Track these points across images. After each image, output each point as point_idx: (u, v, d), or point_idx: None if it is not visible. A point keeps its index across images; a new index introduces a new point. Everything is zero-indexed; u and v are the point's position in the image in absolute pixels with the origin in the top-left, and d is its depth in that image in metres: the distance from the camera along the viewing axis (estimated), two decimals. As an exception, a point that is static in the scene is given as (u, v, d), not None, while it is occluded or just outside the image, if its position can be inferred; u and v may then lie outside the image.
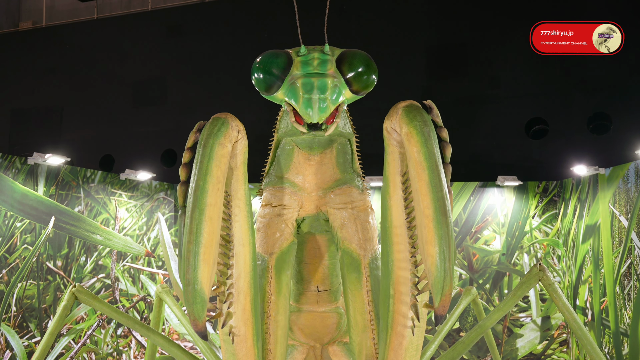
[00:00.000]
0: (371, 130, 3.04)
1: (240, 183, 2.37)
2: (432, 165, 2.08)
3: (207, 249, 2.09)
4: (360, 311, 2.63)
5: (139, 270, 7.71)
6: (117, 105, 11.48)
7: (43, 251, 6.51)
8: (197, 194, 2.12)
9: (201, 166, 2.16)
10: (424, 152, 2.09)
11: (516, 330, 8.00)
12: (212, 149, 2.18)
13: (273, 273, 2.63)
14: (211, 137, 2.20)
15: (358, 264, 2.64)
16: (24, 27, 13.86)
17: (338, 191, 2.71)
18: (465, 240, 8.11)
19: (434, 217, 2.04)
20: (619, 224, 6.79)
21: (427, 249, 2.04)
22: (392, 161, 2.33)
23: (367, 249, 2.66)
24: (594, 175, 7.28)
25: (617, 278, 6.80)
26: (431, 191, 2.05)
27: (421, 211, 2.08)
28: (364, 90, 2.46)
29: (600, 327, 7.11)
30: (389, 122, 2.27)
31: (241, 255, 2.35)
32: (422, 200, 2.08)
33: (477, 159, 8.75)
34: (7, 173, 6.19)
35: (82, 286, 3.52)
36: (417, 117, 2.16)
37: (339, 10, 9.66)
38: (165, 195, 8.23)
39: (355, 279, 2.63)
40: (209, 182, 2.14)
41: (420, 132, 2.12)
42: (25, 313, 6.29)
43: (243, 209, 2.37)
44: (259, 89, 2.48)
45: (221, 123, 2.24)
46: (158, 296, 4.51)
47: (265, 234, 2.69)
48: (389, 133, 2.29)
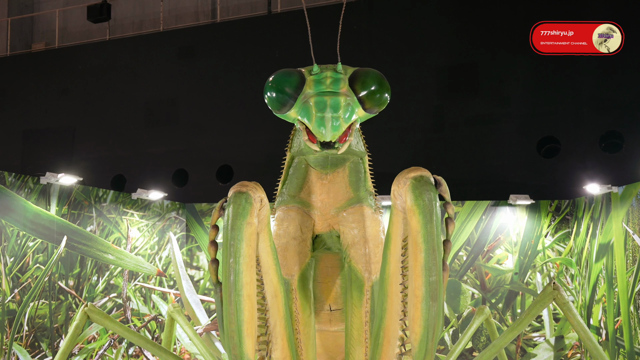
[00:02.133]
0: (384, 149, 3.05)
1: (266, 243, 2.40)
2: (429, 249, 2.09)
3: (248, 325, 2.15)
4: (357, 328, 2.68)
5: (150, 290, 7.71)
6: (129, 126, 11.55)
7: (55, 270, 6.52)
8: (234, 277, 2.15)
9: (233, 250, 2.16)
10: (424, 234, 2.10)
11: (529, 350, 7.94)
12: (241, 230, 2.17)
13: (297, 293, 2.69)
14: (238, 218, 2.18)
15: (361, 285, 2.68)
16: (37, 49, 13.99)
17: (350, 210, 2.72)
18: (477, 259, 8.08)
19: (423, 300, 2.07)
20: (632, 243, 6.75)
21: (413, 326, 2.10)
22: (395, 222, 2.35)
23: (372, 272, 2.69)
24: (607, 194, 7.25)
25: (631, 297, 6.75)
26: (424, 274, 2.08)
27: (412, 290, 2.13)
28: (376, 108, 2.46)
29: (614, 346, 7.05)
30: (396, 187, 2.25)
31: (275, 307, 2.42)
32: (414, 280, 2.11)
33: (489, 178, 8.74)
34: (20, 193, 6.22)
35: (94, 305, 3.52)
36: (424, 194, 2.14)
37: (352, 30, 9.72)
38: (176, 214, 8.24)
39: (357, 298, 2.68)
40: (242, 263, 2.16)
41: (423, 213, 2.11)
42: (37, 332, 6.30)
43: (272, 266, 2.42)
44: (271, 108, 2.48)
45: (244, 199, 2.21)
46: (170, 315, 4.50)
47: (285, 257, 2.72)
48: (395, 198, 2.29)
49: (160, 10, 12.93)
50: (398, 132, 2.53)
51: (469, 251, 8.00)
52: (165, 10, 13.06)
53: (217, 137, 10.25)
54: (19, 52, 13.96)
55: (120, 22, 13.50)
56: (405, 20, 10.16)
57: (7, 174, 6.14)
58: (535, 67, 9.30)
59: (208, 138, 10.49)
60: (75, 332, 3.56)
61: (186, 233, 8.33)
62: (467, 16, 9.93)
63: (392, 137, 6.85)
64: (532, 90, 9.31)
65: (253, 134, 6.05)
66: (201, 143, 10.53)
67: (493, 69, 9.61)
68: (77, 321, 3.53)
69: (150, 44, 12.19)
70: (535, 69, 9.31)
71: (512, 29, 9.42)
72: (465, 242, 7.99)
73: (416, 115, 9.34)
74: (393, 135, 4.34)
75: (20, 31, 14.56)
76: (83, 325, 3.55)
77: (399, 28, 10.12)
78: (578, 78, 8.99)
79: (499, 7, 9.68)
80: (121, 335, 4.48)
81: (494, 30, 9.58)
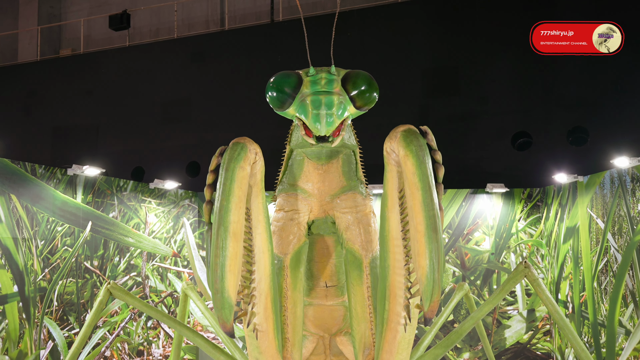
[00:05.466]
0: (373, 143, 3.04)
1: (259, 199, 2.38)
2: (425, 186, 2.08)
3: (232, 261, 2.10)
4: (361, 304, 2.64)
5: (166, 269, 7.71)
6: (147, 122, 11.53)
7: (81, 252, 6.52)
8: (222, 213, 2.12)
9: (224, 188, 2.15)
10: (419, 174, 2.09)
11: (504, 322, 7.96)
12: (234, 172, 2.17)
13: (289, 271, 2.64)
14: (232, 161, 2.19)
15: (360, 263, 2.65)
16: (64, 54, 13.97)
17: (344, 197, 2.71)
18: (458, 241, 8.09)
19: (425, 233, 2.04)
20: (596, 226, 6.76)
21: (418, 260, 2.04)
22: (390, 179, 2.33)
23: (368, 249, 2.67)
24: (574, 183, 7.25)
25: (594, 274, 6.77)
26: (424, 209, 2.06)
27: (414, 227, 2.08)
28: (366, 106, 2.47)
29: (580, 318, 7.07)
30: (389, 144, 2.26)
31: (262, 262, 2.37)
32: (415, 217, 2.08)
33: (469, 169, 8.73)
34: (49, 183, 6.21)
35: (116, 283, 3.52)
36: (414, 141, 2.15)
37: (345, 36, 9.68)
38: (189, 202, 8.24)
39: (357, 276, 2.64)
40: (231, 202, 2.14)
41: (416, 156, 2.11)
42: (65, 307, 6.30)
43: (262, 222, 2.38)
44: (272, 106, 2.48)
45: (240, 148, 2.23)
46: (184, 292, 4.50)
47: (280, 236, 2.71)
48: (388, 154, 2.28)
49: (175, 19, 12.90)
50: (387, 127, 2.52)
51: (450, 234, 8.00)
52: (179, 19, 13.02)
53: (225, 133, 10.23)
54: (48, 57, 13.92)
55: (138, 30, 13.46)
56: (393, 28, 10.13)
57: (38, 166, 6.14)
58: (510, 69, 9.29)
59: (217, 133, 10.47)
60: (99, 307, 3.56)
61: (198, 219, 8.33)
62: (448, 25, 9.90)
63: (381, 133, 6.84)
64: (508, 90, 9.30)
65: (256, 129, 6.03)
66: (211, 138, 10.50)
67: (472, 72, 9.59)
68: (101, 297, 3.53)
69: (166, 50, 12.16)
70: (510, 71, 9.29)
71: (500, 31, 9.37)
72: (447, 226, 7.99)
73: (403, 113, 9.32)
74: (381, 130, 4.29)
75: (49, 38, 14.52)
76: (106, 301, 3.55)
77: (388, 35, 10.10)
78: (548, 79, 8.96)
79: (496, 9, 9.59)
80: (140, 310, 4.47)
81: (473, 35, 9.55)
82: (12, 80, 13.25)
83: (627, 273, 6.22)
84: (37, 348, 5.94)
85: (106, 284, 3.51)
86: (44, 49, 14.17)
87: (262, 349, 2.44)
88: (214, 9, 13.15)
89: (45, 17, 14.70)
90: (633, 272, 6.12)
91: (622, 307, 6.31)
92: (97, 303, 3.57)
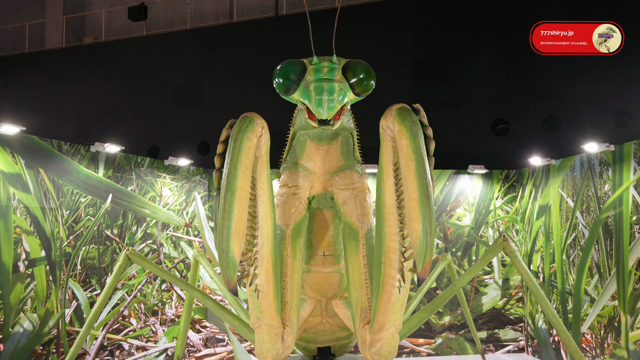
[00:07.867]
0: (369, 127, 3.02)
1: (264, 169, 2.37)
2: (419, 158, 2.07)
3: (237, 223, 2.09)
4: (358, 272, 2.64)
5: (179, 238, 7.71)
6: (162, 105, 11.47)
7: (102, 222, 6.51)
8: (230, 180, 2.11)
9: (232, 157, 2.15)
10: (412, 146, 2.08)
11: (482, 289, 8.00)
12: (242, 142, 2.17)
13: (289, 241, 2.65)
14: (240, 132, 2.19)
15: (356, 234, 2.65)
16: (87, 42, 13.85)
17: (342, 175, 2.71)
18: (441, 216, 8.10)
19: (419, 200, 2.03)
20: (566, 205, 6.77)
21: (412, 225, 2.04)
22: (386, 153, 2.32)
23: (364, 222, 2.68)
24: (547, 165, 7.24)
25: (564, 248, 6.79)
26: (417, 178, 2.05)
27: (409, 195, 2.08)
28: (364, 93, 2.46)
29: (549, 287, 7.10)
30: (384, 121, 2.26)
31: (264, 228, 2.35)
32: (409, 185, 2.07)
33: (452, 151, 8.71)
34: (74, 158, 6.18)
35: (134, 250, 3.52)
36: (407, 117, 2.14)
37: (344, 29, 9.61)
38: (200, 178, 8.21)
39: (354, 246, 2.65)
40: (239, 169, 2.13)
41: (410, 130, 2.11)
42: (88, 271, 6.31)
43: (266, 190, 2.37)
44: (279, 91, 2.47)
45: (248, 121, 2.23)
46: (194, 258, 4.50)
47: (283, 209, 2.71)
48: (384, 130, 2.28)
49: (188, 11, 12.79)
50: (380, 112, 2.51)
51: (434, 210, 8.01)
52: (192, 12, 12.92)
53: (233, 115, 10.10)
54: (73, 44, 13.80)
55: (155, 20, 13.33)
56: (388, 22, 10.07)
57: (64, 143, 6.11)
58: (490, 62, 9.24)
59: (226, 116, 10.39)
60: (118, 271, 3.56)
61: (208, 193, 8.31)
62: (436, 21, 9.85)
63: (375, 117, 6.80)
64: (489, 81, 9.26)
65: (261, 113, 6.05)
66: (221, 120, 10.41)
67: (456, 64, 9.55)
68: (120, 262, 3.53)
69: (179, 39, 12.06)
70: (490, 64, 9.25)
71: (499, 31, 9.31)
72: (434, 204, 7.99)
73: (394, 100, 9.23)
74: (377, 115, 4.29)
75: (74, 27, 14.38)
76: (125, 265, 3.55)
77: (383, 29, 10.03)
78: (526, 71, 8.91)
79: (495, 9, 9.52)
80: (155, 274, 4.47)
81: (458, 31, 9.49)
82: (40, 65, 13.14)
83: (593, 247, 6.24)
84: (63, 307, 5.95)
85: (125, 250, 3.51)
86: (69, 37, 14.04)
87: (262, 308, 2.43)
88: (223, 3, 13.05)
89: (70, 8, 14.56)
90: (599, 246, 6.14)
91: (588, 277, 6.34)
92: (116, 267, 3.57)
